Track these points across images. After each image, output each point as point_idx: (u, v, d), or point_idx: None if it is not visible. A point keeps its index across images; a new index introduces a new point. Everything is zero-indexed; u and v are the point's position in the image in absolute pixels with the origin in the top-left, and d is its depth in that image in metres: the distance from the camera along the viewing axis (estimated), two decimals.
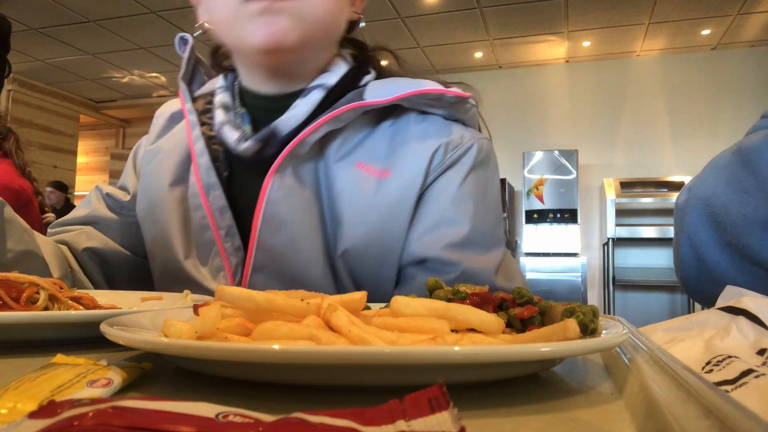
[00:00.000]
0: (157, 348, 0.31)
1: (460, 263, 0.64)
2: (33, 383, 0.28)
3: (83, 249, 0.78)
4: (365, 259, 0.65)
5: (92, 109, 6.76)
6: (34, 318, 0.45)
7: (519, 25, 4.51)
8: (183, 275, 0.70)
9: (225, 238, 0.68)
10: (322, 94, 0.68)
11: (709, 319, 0.57)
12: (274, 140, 0.67)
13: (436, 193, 0.67)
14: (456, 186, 0.67)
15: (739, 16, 4.25)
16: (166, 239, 0.71)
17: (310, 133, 0.65)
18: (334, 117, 0.65)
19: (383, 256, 0.65)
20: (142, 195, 0.78)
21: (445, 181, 0.67)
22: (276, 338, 0.33)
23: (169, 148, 0.77)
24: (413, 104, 0.70)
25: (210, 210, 0.68)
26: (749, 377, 0.41)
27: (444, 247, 0.64)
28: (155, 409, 0.19)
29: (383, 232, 0.65)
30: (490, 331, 0.37)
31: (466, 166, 0.69)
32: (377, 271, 0.66)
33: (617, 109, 5.13)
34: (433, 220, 0.66)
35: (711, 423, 0.20)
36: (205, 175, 0.70)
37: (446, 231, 0.65)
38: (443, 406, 0.19)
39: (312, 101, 0.68)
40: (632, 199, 4.64)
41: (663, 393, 0.25)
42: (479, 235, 0.67)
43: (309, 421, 0.18)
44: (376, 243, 0.65)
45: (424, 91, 0.67)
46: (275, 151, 0.66)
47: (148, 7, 4.27)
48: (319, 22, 0.66)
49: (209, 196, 0.69)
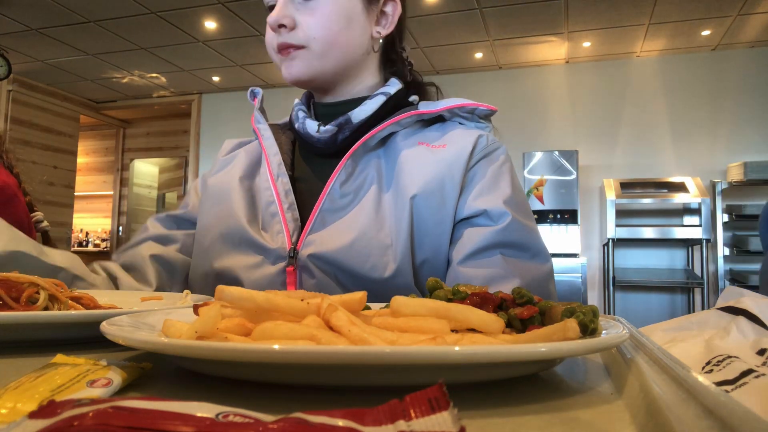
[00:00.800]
0: (157, 348, 0.31)
1: (509, 213, 0.79)
2: (33, 383, 0.28)
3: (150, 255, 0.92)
4: (429, 204, 0.81)
5: (92, 110, 6.75)
6: (34, 318, 0.45)
7: (519, 25, 4.51)
8: (246, 237, 0.84)
9: (287, 211, 0.85)
10: (384, 98, 0.89)
11: (709, 319, 0.57)
12: (348, 126, 0.87)
13: (482, 171, 0.85)
14: (497, 166, 0.86)
15: (739, 16, 4.25)
16: (231, 211, 0.87)
17: (379, 131, 0.86)
18: (396, 121, 0.87)
19: (442, 204, 0.81)
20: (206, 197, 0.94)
21: (486, 163, 0.86)
22: (276, 338, 0.33)
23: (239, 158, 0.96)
24: (453, 116, 0.92)
25: (277, 191, 0.86)
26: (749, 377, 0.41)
27: (500, 201, 0.81)
28: (155, 410, 0.19)
29: (442, 183, 0.82)
30: (490, 331, 0.37)
31: (501, 155, 0.88)
32: (435, 218, 0.81)
33: (617, 110, 5.13)
34: (485, 186, 0.83)
35: (711, 423, 0.20)
36: (276, 167, 0.89)
37: (497, 191, 0.82)
38: (443, 406, 0.19)
39: (378, 101, 0.88)
40: (632, 200, 4.64)
41: (663, 393, 0.25)
42: (521, 202, 0.84)
43: (309, 421, 0.18)
44: (437, 191, 0.81)
45: (464, 104, 0.90)
46: (347, 136, 0.87)
47: (148, 7, 4.27)
48: (331, 56, 0.86)
49: (277, 182, 0.87)
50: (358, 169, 0.86)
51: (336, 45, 0.86)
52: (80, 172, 7.08)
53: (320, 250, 0.79)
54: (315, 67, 0.86)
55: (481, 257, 0.77)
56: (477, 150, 0.86)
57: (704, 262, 4.36)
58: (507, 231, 0.78)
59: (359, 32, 0.88)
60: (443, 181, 0.82)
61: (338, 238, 0.79)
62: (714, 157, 4.81)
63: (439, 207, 0.81)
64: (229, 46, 4.97)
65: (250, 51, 5.06)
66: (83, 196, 7.30)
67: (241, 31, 4.63)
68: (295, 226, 0.83)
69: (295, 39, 0.84)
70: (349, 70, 0.91)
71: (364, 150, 0.87)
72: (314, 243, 0.80)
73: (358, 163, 0.86)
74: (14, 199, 1.29)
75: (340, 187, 0.83)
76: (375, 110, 0.87)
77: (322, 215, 0.83)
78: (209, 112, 6.30)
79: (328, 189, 0.84)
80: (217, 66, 5.51)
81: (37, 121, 5.90)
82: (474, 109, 0.91)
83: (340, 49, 0.86)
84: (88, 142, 7.68)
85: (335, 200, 0.83)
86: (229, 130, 5.93)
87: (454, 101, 0.91)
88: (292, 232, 0.83)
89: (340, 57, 0.87)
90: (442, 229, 0.81)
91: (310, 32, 0.84)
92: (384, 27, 0.92)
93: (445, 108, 0.90)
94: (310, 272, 0.79)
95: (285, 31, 0.85)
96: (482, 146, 0.87)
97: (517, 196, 0.84)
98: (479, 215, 0.80)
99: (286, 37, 0.85)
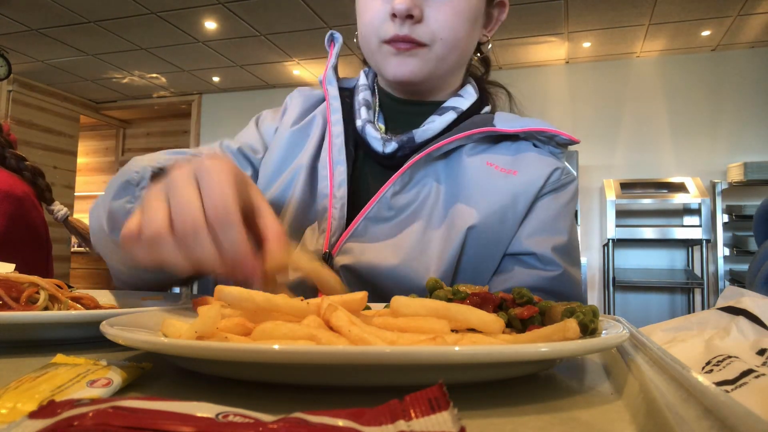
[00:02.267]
0: (157, 348, 0.31)
1: (561, 265, 0.74)
2: (33, 383, 0.28)
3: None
4: (485, 237, 0.74)
5: (92, 110, 6.75)
6: (34, 318, 0.45)
7: (519, 26, 4.51)
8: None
9: (335, 206, 0.77)
10: (455, 115, 0.81)
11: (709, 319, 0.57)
12: (410, 145, 0.79)
13: (546, 205, 0.78)
14: (562, 204, 0.79)
15: (739, 17, 4.25)
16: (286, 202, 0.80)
17: (446, 143, 0.77)
18: (467, 135, 0.78)
19: (498, 239, 0.75)
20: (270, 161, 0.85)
21: (553, 198, 0.79)
22: (276, 338, 0.33)
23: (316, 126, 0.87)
24: (529, 137, 0.82)
25: (332, 181, 0.78)
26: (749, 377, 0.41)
27: (551, 247, 0.74)
28: (155, 410, 0.19)
29: (504, 216, 0.75)
30: (490, 331, 0.37)
31: (570, 192, 0.81)
32: (486, 253, 0.75)
33: (617, 110, 5.13)
34: (543, 225, 0.76)
35: (711, 423, 0.20)
36: (337, 153, 0.80)
37: (552, 236, 0.76)
38: (443, 406, 0.19)
39: (446, 120, 0.80)
40: (632, 200, 4.63)
41: (663, 393, 0.25)
42: (573, 249, 0.78)
43: (309, 421, 0.18)
44: (497, 223, 0.75)
45: (545, 129, 0.81)
46: (408, 152, 0.78)
47: (148, 7, 4.27)
48: (449, 59, 0.78)
49: (335, 170, 0.79)
50: (415, 180, 0.78)
51: (457, 48, 0.77)
52: (80, 172, 7.08)
53: (357, 264, 0.73)
54: (431, 68, 0.77)
55: None
56: (549, 182, 0.79)
57: (704, 262, 4.36)
58: (555, 281, 0.73)
59: (477, 36, 0.82)
60: (506, 213, 0.75)
61: (378, 256, 0.73)
62: (714, 157, 4.80)
63: (495, 242, 0.75)
64: (229, 46, 4.97)
65: (250, 51, 5.05)
66: (83, 196, 7.30)
67: (241, 31, 4.63)
68: (337, 226, 0.76)
69: (419, 34, 0.74)
70: (450, 78, 0.83)
71: (425, 160, 0.78)
72: (352, 253, 0.74)
73: (416, 174, 0.78)
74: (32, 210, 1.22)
75: (392, 198, 0.76)
76: (441, 129, 0.79)
77: (366, 223, 0.75)
78: (209, 112, 6.30)
79: (379, 196, 0.76)
80: (217, 66, 5.51)
81: (37, 121, 5.89)
82: (554, 136, 0.82)
83: (459, 52, 0.79)
84: (88, 142, 7.68)
85: (383, 210, 0.76)
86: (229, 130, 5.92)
87: (535, 124, 0.82)
88: (333, 232, 0.76)
89: (456, 61, 0.80)
90: (490, 263, 0.76)
91: (438, 31, 0.74)
92: (490, 31, 0.86)
93: (523, 130, 0.81)
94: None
95: (410, 22, 0.74)
96: (555, 179, 0.79)
97: (572, 242, 0.78)
98: (529, 255, 0.75)
99: (411, 30, 0.74)
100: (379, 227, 0.75)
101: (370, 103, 0.84)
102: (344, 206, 0.77)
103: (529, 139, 0.83)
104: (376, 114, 0.85)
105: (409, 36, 0.74)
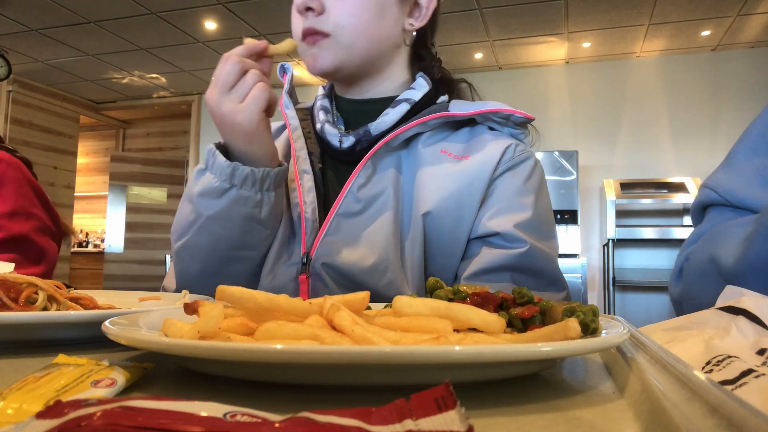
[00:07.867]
0: (161, 348, 0.31)
1: (526, 241, 0.75)
2: (37, 383, 0.28)
3: None
4: (443, 222, 0.77)
5: (92, 110, 6.74)
6: (33, 318, 0.45)
7: (519, 26, 4.51)
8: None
9: (306, 210, 0.80)
10: (408, 107, 0.83)
11: (709, 319, 0.57)
12: (367, 138, 0.82)
13: (504, 184, 0.80)
14: (522, 181, 0.81)
15: (739, 17, 4.25)
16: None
17: (402, 132, 0.81)
18: (423, 122, 0.81)
19: (458, 223, 0.77)
20: None
21: (510, 176, 0.81)
22: (279, 338, 0.33)
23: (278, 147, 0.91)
24: (485, 120, 0.86)
25: (300, 190, 0.81)
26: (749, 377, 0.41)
27: (514, 224, 0.76)
28: (163, 409, 0.19)
29: (460, 201, 0.78)
30: (491, 330, 0.37)
31: (527, 168, 0.82)
32: (449, 237, 0.77)
33: (617, 110, 5.13)
34: (503, 204, 0.78)
35: (717, 421, 0.20)
36: (302, 163, 0.84)
37: (514, 213, 0.77)
38: (450, 405, 0.19)
39: (400, 111, 0.83)
40: (632, 200, 4.63)
41: (666, 391, 0.25)
42: (541, 224, 0.79)
43: (317, 421, 0.18)
44: (454, 209, 0.77)
45: (499, 110, 0.84)
46: (366, 146, 0.81)
47: (148, 7, 4.27)
48: (358, 47, 0.80)
49: (302, 179, 0.82)
50: (378, 171, 0.81)
51: (364, 35, 0.80)
52: (80, 172, 7.08)
53: (336, 261, 0.76)
54: (340, 57, 0.80)
55: (488, 277, 0.74)
56: (503, 161, 0.81)
57: None
58: (522, 257, 0.74)
59: (391, 23, 0.83)
60: (461, 198, 0.78)
61: (355, 253, 0.76)
62: (714, 157, 4.80)
63: (454, 226, 0.77)
64: (229, 47, 4.95)
65: None
66: (83, 196, 7.29)
67: (241, 31, 4.62)
68: (311, 228, 0.79)
69: (321, 25, 0.78)
70: (378, 64, 0.85)
71: (385, 150, 0.82)
72: (329, 250, 0.77)
73: (379, 165, 0.82)
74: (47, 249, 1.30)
75: (358, 191, 0.79)
76: (396, 121, 0.82)
77: (338, 219, 0.78)
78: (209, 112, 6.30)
79: (345, 191, 0.79)
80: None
81: (37, 121, 5.89)
82: (509, 116, 0.84)
83: (369, 39, 0.81)
84: (88, 142, 7.68)
85: (352, 204, 0.79)
86: None
87: (487, 105, 0.84)
88: (308, 235, 0.79)
89: (369, 48, 0.81)
90: (455, 247, 0.78)
91: (338, 19, 0.78)
92: (417, 19, 0.86)
93: (476, 112, 0.83)
94: (323, 282, 0.76)
95: (312, 15, 0.78)
96: (508, 157, 0.81)
97: (539, 216, 0.79)
98: (493, 236, 0.76)
99: (313, 21, 0.78)
100: (351, 222, 0.78)
101: (327, 108, 0.89)
102: (315, 209, 0.80)
103: (487, 123, 0.86)
104: (335, 117, 0.89)
105: (312, 27, 0.78)
